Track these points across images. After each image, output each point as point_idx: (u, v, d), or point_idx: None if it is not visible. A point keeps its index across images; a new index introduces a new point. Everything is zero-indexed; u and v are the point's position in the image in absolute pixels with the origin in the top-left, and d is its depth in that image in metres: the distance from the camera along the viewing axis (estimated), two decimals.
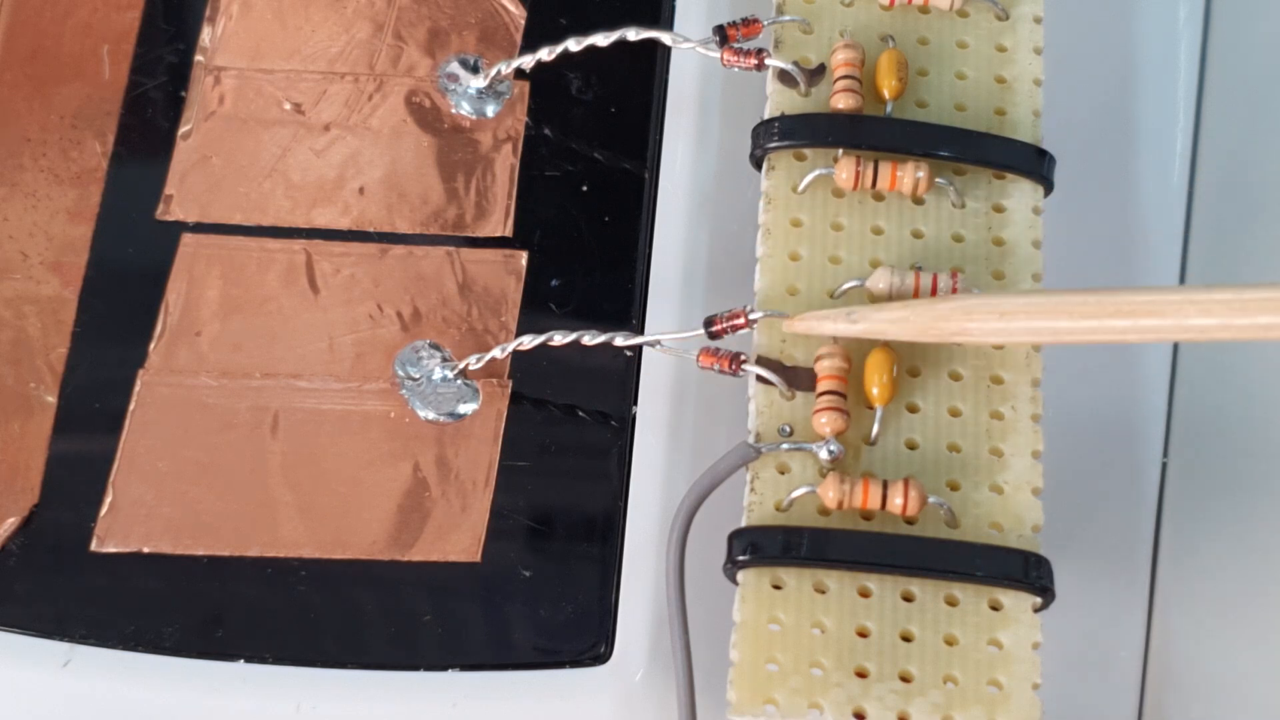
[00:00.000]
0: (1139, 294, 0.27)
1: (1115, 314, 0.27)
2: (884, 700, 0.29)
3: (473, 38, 0.39)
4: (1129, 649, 0.37)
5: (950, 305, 0.28)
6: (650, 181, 0.37)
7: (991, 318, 0.28)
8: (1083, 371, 0.37)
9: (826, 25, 0.34)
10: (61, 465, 0.35)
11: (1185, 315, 0.26)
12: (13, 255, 0.37)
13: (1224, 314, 0.26)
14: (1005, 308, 0.28)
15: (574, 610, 0.34)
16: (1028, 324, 0.28)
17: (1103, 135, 0.40)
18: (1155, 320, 0.27)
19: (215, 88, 0.38)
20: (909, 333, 0.29)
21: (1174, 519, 0.37)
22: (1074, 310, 0.27)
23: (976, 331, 0.28)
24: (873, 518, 0.30)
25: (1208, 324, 0.26)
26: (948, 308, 0.28)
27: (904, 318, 0.29)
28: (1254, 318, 0.26)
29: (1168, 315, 0.27)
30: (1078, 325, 0.27)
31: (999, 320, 0.28)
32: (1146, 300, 0.27)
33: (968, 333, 0.28)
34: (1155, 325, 0.27)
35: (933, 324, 0.29)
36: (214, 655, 0.33)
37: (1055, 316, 0.28)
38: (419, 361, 0.35)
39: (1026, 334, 0.29)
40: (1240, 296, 0.26)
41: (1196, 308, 0.26)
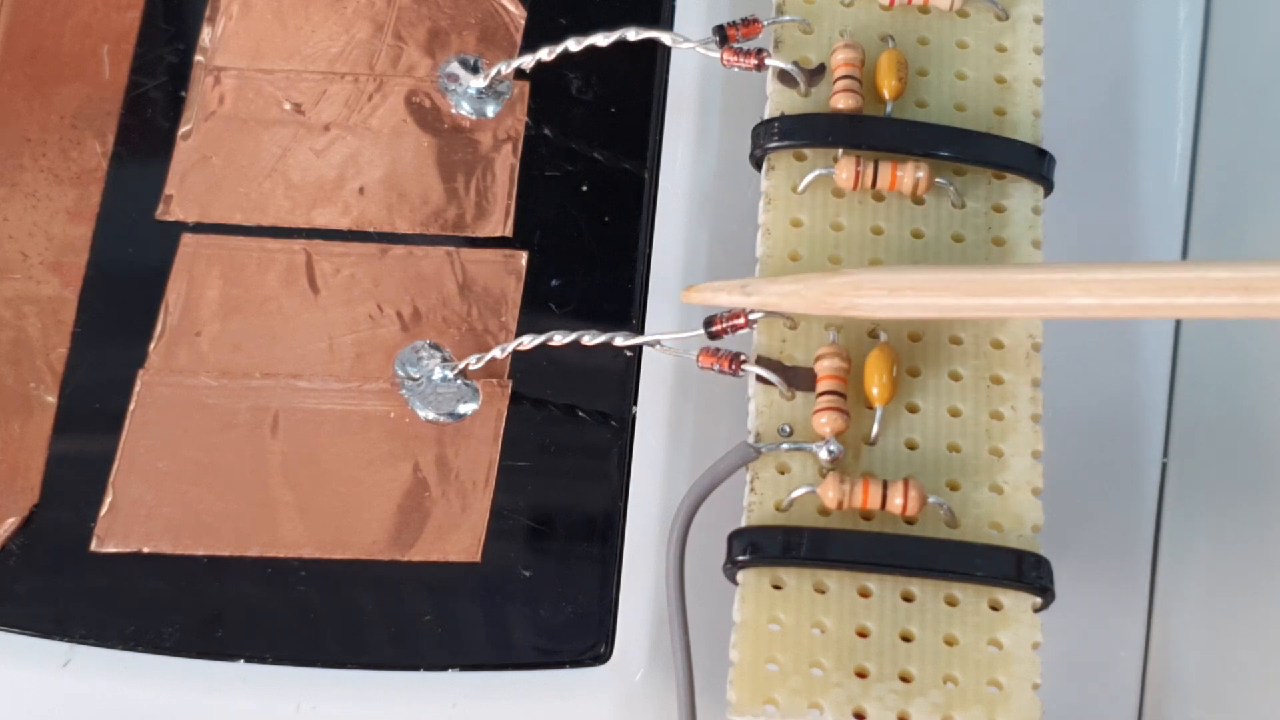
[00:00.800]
0: (1024, 271, 0.28)
1: (1000, 292, 0.28)
2: (884, 700, 0.29)
3: (473, 38, 0.39)
4: (1129, 649, 0.37)
5: (841, 280, 0.29)
6: (650, 181, 0.37)
7: (881, 293, 0.28)
8: (1083, 371, 0.37)
9: (826, 25, 0.34)
10: (61, 465, 0.35)
11: (1067, 294, 0.27)
12: (13, 255, 0.37)
13: (1104, 293, 0.27)
14: (894, 284, 0.28)
15: (574, 610, 0.34)
16: (915, 300, 0.28)
17: (1103, 135, 0.40)
18: (1038, 299, 0.27)
19: (215, 88, 0.38)
20: (800, 306, 0.29)
21: (1174, 519, 0.37)
22: (960, 287, 0.28)
23: (866, 307, 0.29)
24: (873, 518, 0.30)
25: (1088, 303, 0.27)
26: (838, 282, 0.29)
27: (796, 291, 0.29)
28: (1133, 298, 0.27)
29: (1050, 294, 0.27)
30: (964, 302, 0.28)
31: (888, 296, 0.28)
32: (1030, 279, 0.27)
33: (857, 308, 0.29)
34: (1038, 303, 0.28)
35: (823, 298, 0.29)
36: (214, 655, 0.33)
37: (942, 294, 0.28)
38: (419, 361, 0.35)
39: (915, 310, 0.29)
40: (1120, 276, 0.27)
41: (1078, 287, 0.27)
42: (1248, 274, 0.26)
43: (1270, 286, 0.26)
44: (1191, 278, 0.26)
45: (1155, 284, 0.26)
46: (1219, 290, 0.26)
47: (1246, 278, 0.26)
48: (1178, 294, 0.26)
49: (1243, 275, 0.26)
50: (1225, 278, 0.26)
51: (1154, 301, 0.27)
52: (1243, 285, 0.26)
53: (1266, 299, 0.26)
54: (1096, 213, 0.39)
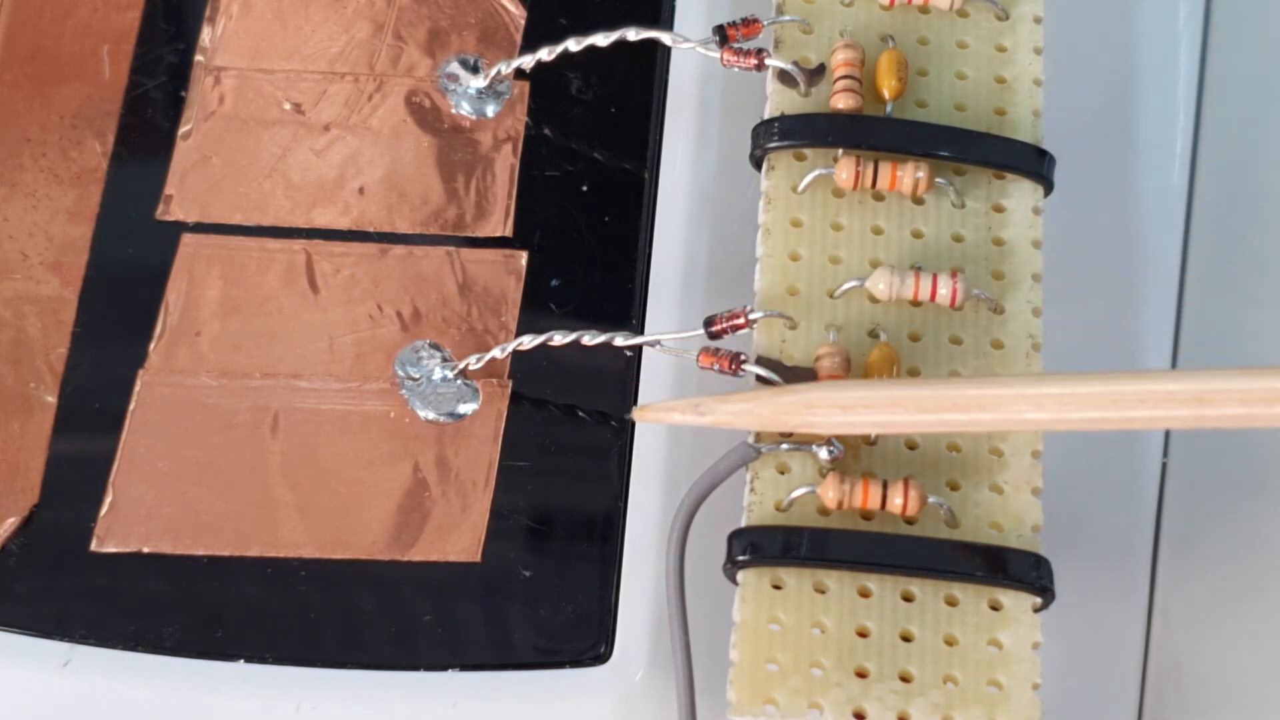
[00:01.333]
0: (975, 386, 0.28)
1: (951, 409, 0.28)
2: (884, 700, 0.29)
3: (473, 38, 0.39)
4: (1129, 649, 0.37)
5: (792, 399, 0.29)
6: (650, 181, 0.37)
7: (833, 411, 0.28)
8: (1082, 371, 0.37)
9: (826, 25, 0.34)
10: (61, 465, 0.35)
11: (1019, 410, 0.27)
12: (13, 255, 0.37)
13: (1055, 409, 0.27)
14: (845, 401, 0.28)
15: (574, 610, 0.34)
16: (868, 417, 0.29)
17: (1103, 135, 0.40)
18: (990, 414, 0.28)
19: (215, 88, 0.38)
20: (754, 424, 0.29)
21: (1174, 519, 0.37)
22: (911, 404, 0.28)
23: (819, 424, 0.29)
24: (873, 518, 0.30)
25: (1041, 417, 0.27)
26: (789, 401, 0.29)
27: (748, 410, 0.29)
28: (1084, 412, 0.27)
29: (1003, 409, 0.27)
30: (916, 419, 0.28)
31: (841, 414, 0.28)
32: (980, 395, 0.28)
33: (811, 425, 0.29)
34: (991, 419, 0.28)
35: (776, 416, 0.29)
36: (214, 655, 0.33)
37: (894, 410, 0.28)
38: (419, 361, 0.35)
39: (868, 426, 0.29)
40: (1071, 390, 0.27)
41: (1029, 402, 0.27)
42: (1199, 385, 0.26)
43: (1221, 399, 0.26)
44: (1143, 391, 0.26)
45: (1107, 398, 0.27)
46: (1171, 403, 0.26)
47: (1198, 390, 0.26)
48: (1130, 408, 0.26)
49: (1194, 387, 0.26)
50: (1177, 390, 0.26)
51: (1107, 415, 0.27)
52: (1194, 398, 0.26)
53: (1218, 411, 0.26)
54: (1096, 213, 0.39)
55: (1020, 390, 0.27)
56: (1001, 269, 0.32)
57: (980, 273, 0.32)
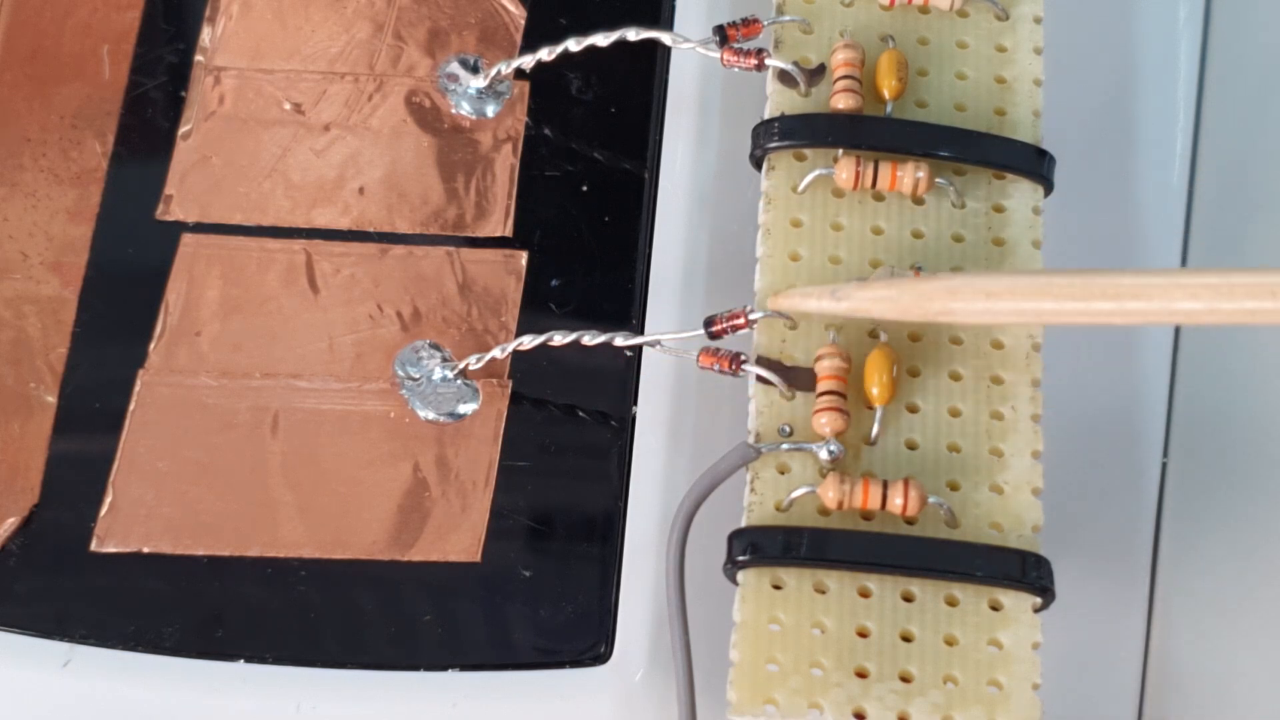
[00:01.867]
0: (1126, 275, 0.27)
1: (1101, 296, 0.27)
2: (884, 700, 0.29)
3: (473, 38, 0.39)
4: (1129, 649, 0.37)
5: (936, 285, 0.28)
6: (650, 181, 0.37)
7: (978, 298, 0.28)
8: (1083, 372, 0.37)
9: (826, 25, 0.34)
10: (61, 465, 0.35)
11: (1172, 298, 0.26)
12: (13, 255, 0.37)
13: (1210, 298, 0.26)
14: (992, 288, 0.28)
15: (574, 610, 0.34)
16: (1013, 305, 0.28)
17: (1103, 135, 0.40)
18: (1141, 303, 0.27)
19: (215, 88, 0.38)
20: (893, 312, 0.29)
21: (1174, 519, 0.37)
22: (1060, 291, 0.27)
23: (961, 312, 0.28)
24: (873, 518, 0.30)
25: (1194, 308, 0.26)
26: (932, 287, 0.28)
27: (889, 296, 0.29)
28: (1240, 302, 0.26)
29: (1154, 298, 0.26)
30: (1063, 307, 0.27)
31: (985, 300, 0.28)
32: (1133, 283, 0.27)
33: (952, 313, 0.28)
34: (1141, 308, 0.27)
35: (917, 303, 0.28)
36: (214, 655, 0.33)
37: (1041, 298, 0.27)
38: (419, 361, 0.35)
39: (1012, 315, 0.28)
40: (1227, 280, 0.26)
41: (1184, 291, 0.26)
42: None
43: None
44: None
45: (1264, 288, 0.25)
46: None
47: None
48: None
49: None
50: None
51: (1262, 305, 0.26)
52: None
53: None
54: (1096, 213, 0.39)
55: (1174, 280, 0.26)
56: (1002, 269, 0.32)
57: None
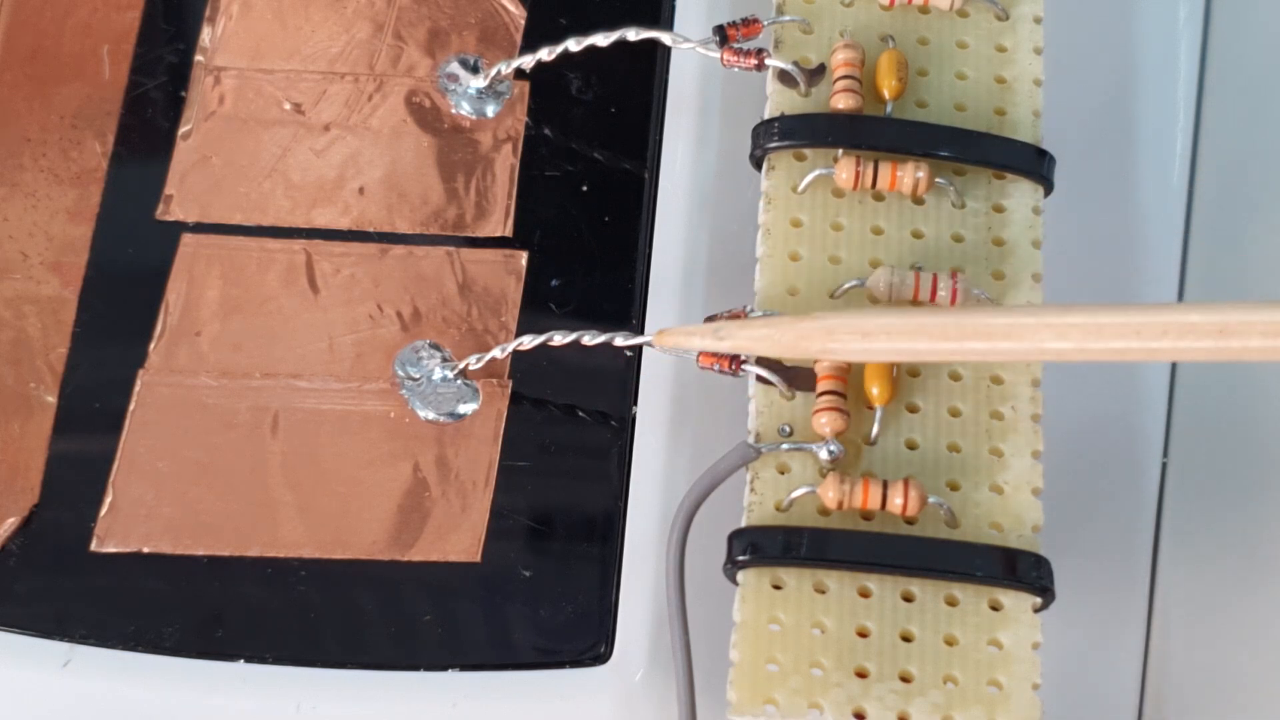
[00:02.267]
0: (997, 315, 0.28)
1: (974, 336, 0.27)
2: (884, 700, 0.29)
3: (473, 38, 0.39)
4: (1129, 649, 0.37)
5: (813, 325, 0.29)
6: (650, 181, 0.37)
7: (854, 338, 0.28)
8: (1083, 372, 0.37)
9: (826, 25, 0.34)
10: (61, 465, 0.35)
11: (1041, 339, 0.27)
12: (13, 255, 0.37)
13: (1078, 338, 0.27)
14: (866, 328, 0.28)
15: (574, 610, 0.34)
16: (888, 345, 0.28)
17: (1103, 135, 0.40)
18: (1012, 343, 0.27)
19: (215, 88, 0.38)
20: (774, 350, 0.29)
21: (1174, 519, 0.37)
22: (933, 332, 0.28)
23: (839, 351, 0.29)
24: (873, 518, 0.30)
25: (1063, 347, 0.27)
26: (810, 327, 0.29)
27: (768, 335, 0.29)
28: (1107, 341, 0.27)
29: (1025, 338, 0.27)
30: (937, 346, 0.28)
31: (861, 341, 0.28)
32: (1004, 323, 0.27)
33: (830, 352, 0.29)
34: (1012, 348, 0.27)
35: (796, 342, 0.29)
36: (214, 655, 0.33)
37: (915, 338, 0.28)
38: (419, 361, 0.35)
39: (888, 354, 0.29)
40: (1094, 320, 0.27)
41: (1052, 331, 0.27)
42: (1223, 317, 0.26)
43: (1244, 330, 0.26)
44: (1166, 322, 0.26)
45: (1130, 328, 0.26)
46: (1194, 334, 0.26)
47: (1222, 321, 0.26)
48: (1153, 338, 0.26)
49: (1218, 319, 0.26)
50: (1200, 322, 0.26)
51: (1129, 345, 0.27)
52: (1218, 329, 0.26)
53: (1241, 342, 0.26)
54: (1096, 213, 0.39)
55: (1044, 319, 0.27)
56: (1001, 269, 0.32)
57: (980, 273, 0.32)
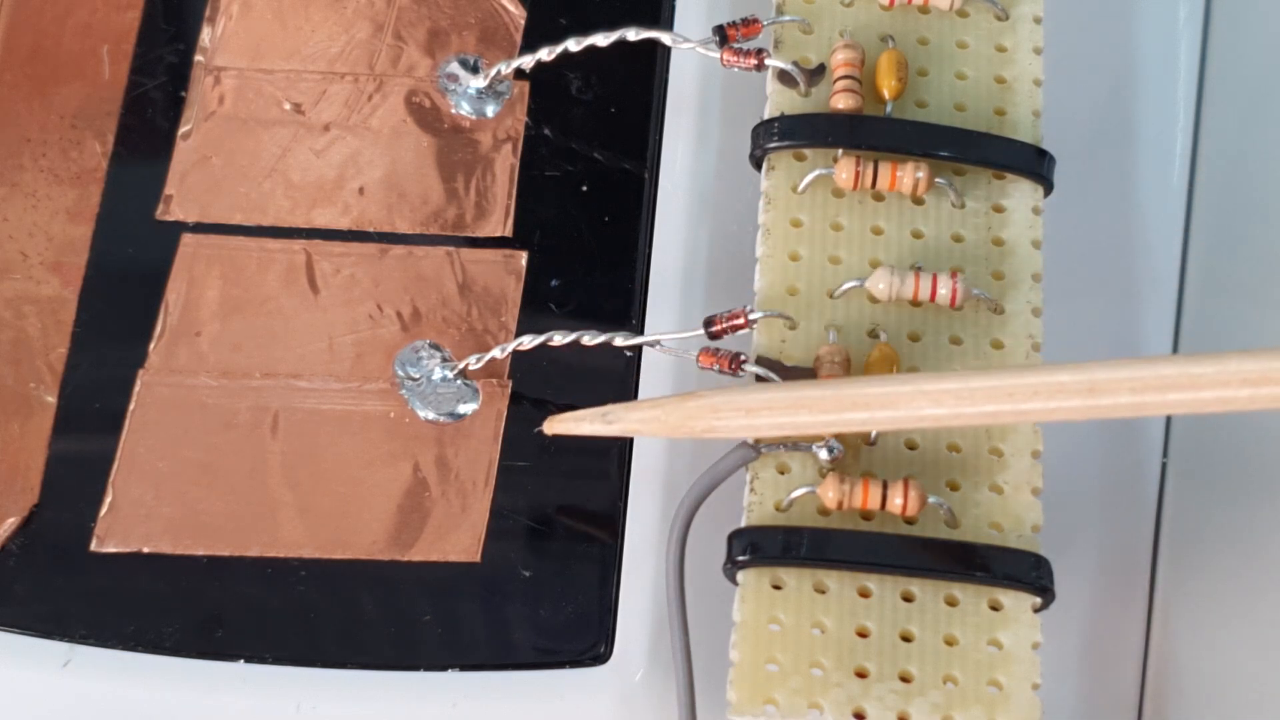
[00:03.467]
0: (873, 385, 0.28)
1: (852, 407, 0.28)
2: (884, 700, 0.29)
3: (473, 38, 0.39)
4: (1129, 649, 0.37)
5: (698, 404, 0.29)
6: (650, 181, 0.37)
7: (738, 415, 0.29)
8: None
9: (826, 25, 0.34)
10: (61, 465, 0.35)
11: (918, 406, 0.28)
12: (13, 255, 0.37)
13: (952, 404, 0.27)
14: (750, 405, 0.29)
15: (574, 610, 0.34)
16: (771, 420, 0.29)
17: (1103, 135, 0.40)
18: (890, 412, 0.28)
19: (215, 88, 0.38)
20: (661, 430, 0.30)
21: (1174, 519, 0.37)
22: (813, 405, 0.28)
23: (724, 429, 0.29)
24: (873, 518, 0.30)
25: (939, 413, 0.28)
26: (695, 406, 0.29)
27: (656, 417, 0.30)
28: (980, 405, 0.27)
29: (901, 407, 0.28)
30: (818, 419, 0.28)
31: (745, 417, 0.29)
32: (880, 393, 0.28)
33: (715, 430, 0.29)
34: (890, 416, 0.28)
35: (683, 423, 0.29)
36: (214, 655, 0.33)
37: (796, 412, 0.29)
38: (419, 361, 0.35)
39: (771, 429, 0.29)
40: (967, 386, 0.27)
41: (928, 398, 0.27)
42: (1091, 376, 0.27)
43: (1113, 388, 0.26)
44: (1036, 383, 0.27)
45: (1002, 391, 0.27)
46: (1064, 394, 0.27)
47: (1090, 380, 0.26)
48: (1024, 400, 0.27)
49: (1085, 378, 0.27)
50: (1069, 381, 0.27)
51: (1001, 408, 0.27)
52: (1087, 388, 0.26)
53: (1110, 400, 0.26)
54: (1096, 213, 0.39)
55: (918, 387, 0.28)
56: (1001, 269, 0.32)
57: (980, 273, 0.32)
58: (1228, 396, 0.26)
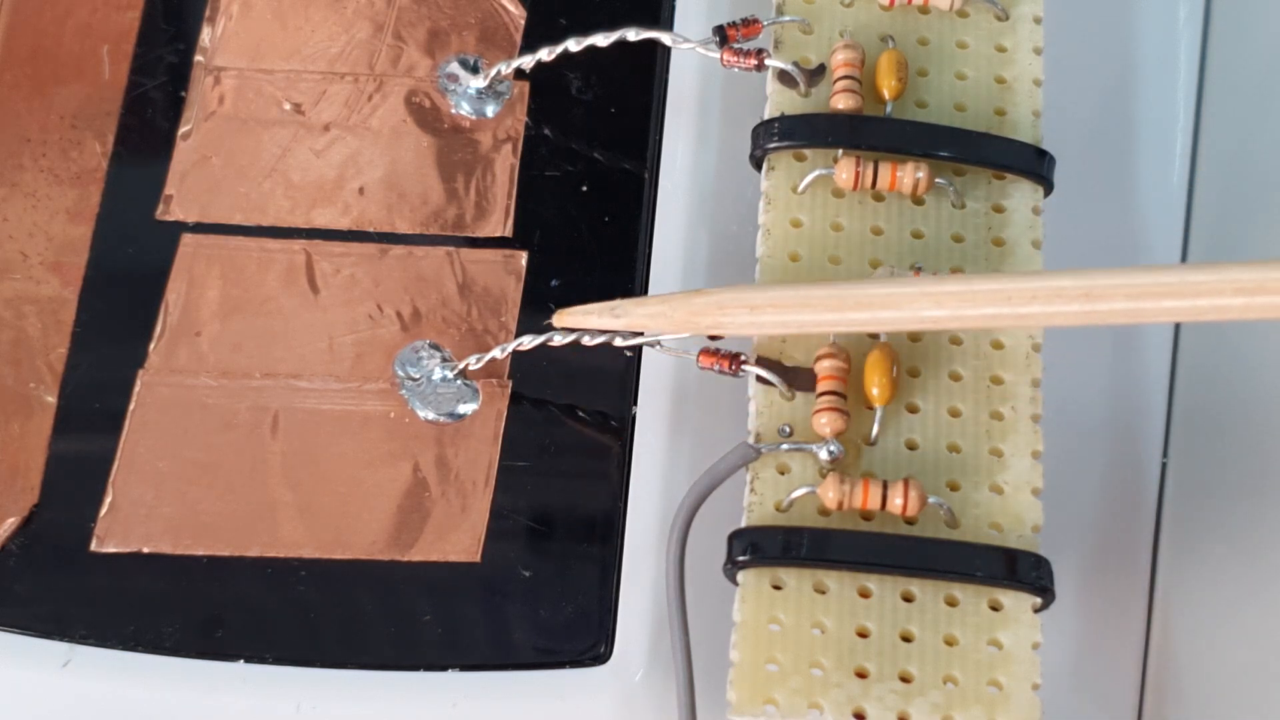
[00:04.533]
0: (877, 287, 0.29)
1: (855, 307, 0.29)
2: (884, 700, 0.29)
3: (473, 38, 0.39)
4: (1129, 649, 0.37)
5: (705, 300, 0.30)
6: (650, 181, 0.37)
7: (742, 311, 0.30)
8: (1083, 372, 0.37)
9: (826, 25, 0.34)
10: (61, 465, 0.35)
11: (919, 307, 0.28)
12: (13, 255, 0.37)
13: (954, 305, 0.28)
14: (754, 302, 0.29)
15: (574, 610, 0.34)
16: (775, 317, 0.30)
17: (1103, 135, 0.40)
18: (892, 312, 0.29)
19: (215, 88, 0.38)
20: (667, 327, 0.31)
21: (1174, 519, 0.37)
22: (817, 304, 0.29)
23: (729, 325, 0.30)
24: (873, 518, 0.30)
25: (939, 314, 0.28)
26: (702, 302, 0.30)
27: (662, 312, 0.31)
28: (980, 308, 0.28)
29: (903, 307, 0.28)
30: (821, 318, 0.29)
31: (749, 314, 0.30)
32: (884, 293, 0.29)
33: (722, 326, 0.30)
34: (892, 317, 0.29)
35: (689, 318, 0.30)
36: (214, 655, 0.33)
37: (800, 310, 0.29)
38: (419, 362, 0.35)
39: (775, 326, 0.30)
40: (970, 288, 0.28)
41: (929, 300, 0.28)
42: (1089, 281, 0.27)
43: (1109, 294, 0.27)
44: (1035, 287, 0.27)
45: (1001, 295, 0.28)
46: (1062, 298, 0.27)
47: (1087, 285, 0.27)
48: (1023, 303, 0.27)
49: (1084, 283, 0.27)
50: (1068, 286, 0.27)
51: (1001, 311, 0.28)
52: (1083, 293, 0.27)
53: (1106, 305, 0.27)
54: (1096, 213, 0.39)
55: (922, 289, 0.28)
56: (1001, 269, 0.32)
57: (980, 272, 0.32)
58: (1223, 305, 0.26)
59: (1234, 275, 0.26)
